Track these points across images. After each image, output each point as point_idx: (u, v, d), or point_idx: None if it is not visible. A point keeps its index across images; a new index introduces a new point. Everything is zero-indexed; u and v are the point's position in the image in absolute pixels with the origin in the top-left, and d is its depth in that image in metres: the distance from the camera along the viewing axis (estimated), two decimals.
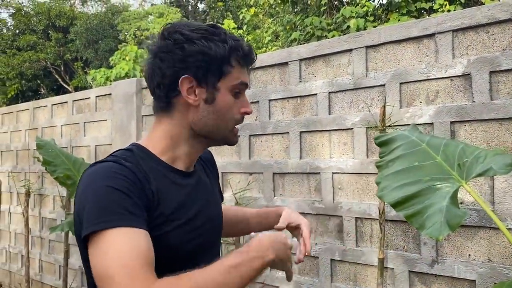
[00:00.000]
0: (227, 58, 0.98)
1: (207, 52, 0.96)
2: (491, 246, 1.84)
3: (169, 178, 1.00)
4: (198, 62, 0.97)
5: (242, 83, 1.03)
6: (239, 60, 1.01)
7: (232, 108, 1.02)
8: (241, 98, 1.04)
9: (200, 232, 1.03)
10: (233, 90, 1.01)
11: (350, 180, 2.27)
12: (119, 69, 10.08)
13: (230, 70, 1.00)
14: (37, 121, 4.62)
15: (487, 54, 1.87)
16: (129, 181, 0.89)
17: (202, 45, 0.96)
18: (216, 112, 1.01)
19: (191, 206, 1.02)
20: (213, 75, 0.98)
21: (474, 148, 1.43)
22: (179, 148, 1.03)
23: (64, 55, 17.55)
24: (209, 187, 1.14)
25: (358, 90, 2.25)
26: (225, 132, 1.04)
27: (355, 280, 2.23)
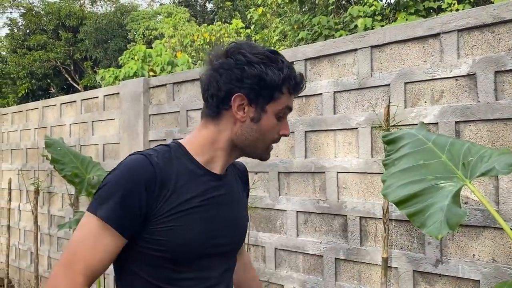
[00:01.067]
0: (280, 86, 1.07)
1: (263, 77, 1.06)
2: (496, 246, 1.83)
3: (198, 176, 1.09)
4: (253, 85, 1.06)
5: (288, 108, 1.12)
6: (289, 88, 1.10)
7: (273, 129, 1.12)
8: (282, 121, 1.13)
9: (217, 234, 1.10)
10: (278, 113, 1.10)
11: (354, 179, 2.27)
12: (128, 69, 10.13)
13: (280, 96, 1.09)
14: (46, 120, 4.68)
15: (492, 54, 1.86)
16: (144, 183, 1.00)
17: (260, 69, 1.05)
18: (259, 130, 1.10)
19: (214, 206, 1.10)
20: (264, 98, 1.08)
21: (479, 148, 1.43)
22: (216, 154, 1.12)
23: (74, 55, 17.70)
24: (236, 194, 1.21)
25: (363, 89, 2.26)
26: (262, 149, 1.14)
27: (359, 279, 2.24)
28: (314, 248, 2.40)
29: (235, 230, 1.19)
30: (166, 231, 1.02)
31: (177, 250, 1.03)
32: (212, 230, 1.09)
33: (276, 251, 2.59)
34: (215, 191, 1.12)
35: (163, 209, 1.02)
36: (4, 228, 5.13)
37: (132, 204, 0.99)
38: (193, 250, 1.06)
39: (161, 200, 1.02)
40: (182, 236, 1.03)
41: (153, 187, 1.01)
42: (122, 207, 0.99)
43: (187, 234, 1.04)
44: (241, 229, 1.22)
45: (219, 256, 1.12)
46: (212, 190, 1.11)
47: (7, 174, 5.23)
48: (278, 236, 2.58)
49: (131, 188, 1.00)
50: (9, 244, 4.72)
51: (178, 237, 1.03)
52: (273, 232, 2.62)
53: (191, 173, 1.09)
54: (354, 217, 2.25)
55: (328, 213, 2.36)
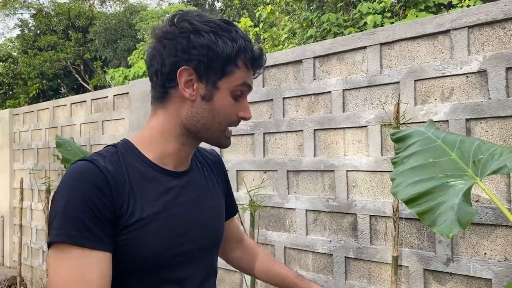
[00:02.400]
0: (233, 58, 0.93)
1: (213, 47, 0.91)
2: (508, 244, 1.81)
3: (150, 178, 0.94)
4: (201, 56, 0.91)
5: (245, 84, 0.96)
6: (246, 62, 0.95)
7: (229, 109, 0.96)
8: (241, 101, 0.98)
9: (183, 239, 0.96)
10: (234, 91, 0.95)
11: (364, 178, 2.26)
12: (137, 68, 10.19)
13: (234, 70, 0.94)
14: (57, 119, 4.72)
15: (503, 50, 1.84)
16: (97, 187, 0.85)
17: (209, 39, 0.91)
18: (211, 110, 0.95)
19: (173, 209, 0.95)
20: (215, 73, 0.93)
21: (490, 145, 1.42)
22: (169, 145, 0.97)
23: (84, 55, 17.84)
24: (205, 191, 1.07)
25: (373, 87, 2.24)
26: (217, 133, 0.98)
27: (370, 278, 2.23)
28: (323, 247, 2.40)
29: (208, 229, 1.03)
30: (125, 246, 0.88)
31: (137, 265, 0.89)
32: (175, 238, 0.94)
33: (285, 250, 2.59)
34: (173, 193, 0.97)
35: (122, 218, 0.87)
36: (17, 227, 5.19)
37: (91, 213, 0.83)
38: (155, 263, 0.91)
39: (120, 206, 0.88)
40: (141, 250, 0.88)
41: (107, 190, 0.86)
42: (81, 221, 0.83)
43: (147, 247, 0.89)
44: (215, 227, 1.07)
45: (193, 260, 0.99)
46: (170, 192, 0.96)
47: (19, 173, 5.29)
48: (288, 235, 2.57)
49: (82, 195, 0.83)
50: (21, 243, 4.78)
51: (136, 252, 0.88)
52: (283, 231, 2.61)
53: (143, 176, 0.93)
54: (364, 216, 2.24)
55: (338, 212, 2.35)
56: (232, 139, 3.19)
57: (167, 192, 0.95)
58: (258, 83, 2.74)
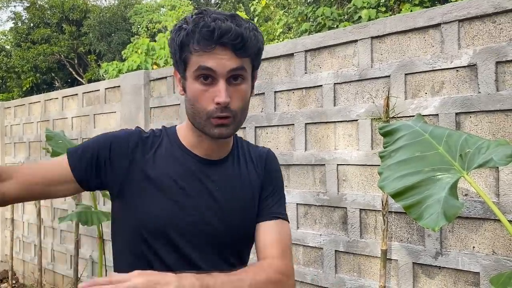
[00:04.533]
0: (185, 45, 0.95)
1: (170, 43, 0.99)
2: (496, 238, 1.82)
3: (176, 157, 1.05)
4: (172, 54, 1.00)
5: (201, 68, 0.93)
6: (195, 45, 0.93)
7: (200, 96, 0.96)
8: (213, 87, 0.94)
9: (194, 220, 1.02)
10: (197, 77, 0.95)
11: (354, 171, 2.26)
12: (131, 62, 10.12)
13: (190, 56, 0.95)
14: (49, 113, 4.69)
15: (493, 44, 1.84)
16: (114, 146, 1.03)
17: (171, 35, 0.99)
18: (188, 101, 1.00)
19: (192, 189, 1.03)
20: (180, 65, 0.99)
21: (477, 139, 1.42)
22: (193, 136, 1.06)
23: (78, 48, 17.72)
24: (235, 182, 1.08)
25: (363, 81, 2.24)
26: (201, 123, 0.99)
27: (359, 271, 2.23)
28: (314, 241, 2.40)
29: (224, 221, 1.04)
30: (135, 203, 1.01)
31: (146, 226, 1.01)
32: (185, 211, 1.01)
33: None
34: (195, 174, 1.04)
35: (132, 178, 1.02)
36: (8, 221, 5.17)
37: (92, 154, 1.02)
38: (162, 228, 1.00)
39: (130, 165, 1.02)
40: (150, 211, 1.01)
41: (117, 149, 1.02)
42: (83, 151, 1.03)
43: (155, 209, 1.00)
44: (235, 221, 1.05)
45: (204, 247, 1.02)
46: (192, 172, 1.04)
47: None
48: None
49: (99, 141, 1.04)
50: (13, 237, 4.76)
51: (147, 211, 1.01)
52: None
53: (171, 154, 1.05)
54: (354, 210, 2.24)
55: (328, 206, 2.35)
56: None
57: (189, 172, 1.04)
58: None
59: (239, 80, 0.97)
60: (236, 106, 0.97)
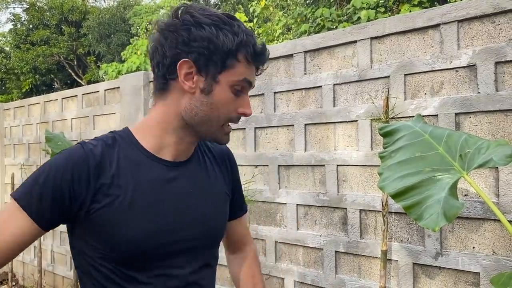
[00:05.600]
0: (234, 52, 0.92)
1: (213, 40, 0.90)
2: (496, 238, 1.82)
3: (142, 165, 0.96)
4: (201, 49, 0.91)
5: (246, 81, 0.95)
6: (247, 57, 0.93)
7: (228, 104, 0.95)
8: (241, 97, 0.96)
9: (171, 229, 0.96)
10: (234, 86, 0.94)
11: (354, 172, 2.26)
12: (131, 63, 10.14)
13: (235, 64, 0.93)
14: (48, 114, 4.69)
15: (492, 44, 1.84)
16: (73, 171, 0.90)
17: (209, 31, 0.90)
18: (210, 104, 0.94)
19: (162, 198, 0.96)
20: (215, 66, 0.92)
21: (476, 139, 1.42)
22: (166, 137, 0.98)
23: (77, 50, 17.71)
24: (203, 183, 1.05)
25: (363, 82, 2.24)
26: (215, 128, 0.97)
27: (359, 272, 2.23)
28: (314, 241, 2.40)
29: (202, 224, 1.02)
30: (104, 229, 0.91)
31: (119, 250, 0.91)
32: (163, 226, 0.95)
33: (276, 244, 2.59)
34: (166, 182, 0.97)
35: (98, 203, 0.90)
36: None
37: (53, 191, 0.89)
38: (138, 250, 0.92)
39: (96, 192, 0.90)
40: (122, 234, 0.91)
41: (83, 176, 0.90)
42: (39, 190, 0.89)
43: (129, 231, 0.91)
44: (210, 222, 1.05)
45: (181, 254, 0.98)
46: (162, 181, 0.97)
47: (10, 169, 5.25)
48: (278, 230, 2.57)
49: (54, 173, 0.89)
50: None
51: (119, 236, 0.91)
52: (273, 225, 2.61)
53: (135, 162, 0.95)
54: (354, 210, 2.24)
55: (328, 206, 2.35)
56: None
57: (158, 181, 0.96)
58: None
59: None
60: None
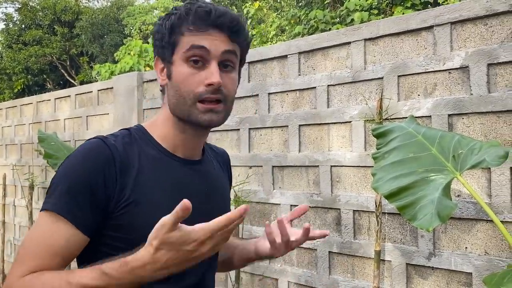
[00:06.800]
0: (176, 27, 0.91)
1: (159, 29, 0.95)
2: (488, 238, 1.83)
3: (163, 164, 0.95)
4: (156, 41, 0.95)
5: (195, 47, 0.89)
6: (190, 25, 0.90)
7: (188, 79, 0.90)
8: (206, 69, 0.90)
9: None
10: (187, 58, 0.90)
11: (348, 173, 2.27)
12: (124, 64, 10.10)
13: (180, 38, 0.91)
14: (41, 115, 4.66)
15: (485, 46, 1.86)
16: (100, 167, 0.86)
17: (158, 23, 0.96)
18: (174, 87, 0.93)
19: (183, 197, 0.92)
20: (167, 50, 0.93)
21: (469, 140, 1.43)
22: (173, 132, 0.97)
23: (70, 50, 17.62)
24: (214, 182, 1.06)
25: (357, 83, 2.25)
26: (186, 109, 0.92)
27: (353, 272, 2.24)
28: (307, 242, 2.40)
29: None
30: (130, 227, 0.88)
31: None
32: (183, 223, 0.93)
33: None
34: (184, 179, 0.97)
35: (125, 200, 0.88)
36: None
37: (85, 191, 0.85)
38: None
39: (123, 187, 0.88)
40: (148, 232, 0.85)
41: (112, 169, 0.87)
42: (72, 195, 0.85)
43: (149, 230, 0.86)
44: None
45: None
46: (180, 178, 0.96)
47: (2, 169, 5.21)
48: None
49: (83, 174, 0.86)
50: (4, 240, 4.72)
51: (145, 234, 0.85)
52: None
53: (154, 160, 0.94)
54: (347, 211, 2.25)
55: (322, 207, 2.36)
56: (217, 134, 3.18)
57: (178, 179, 0.96)
58: (243, 78, 2.73)
59: (229, 68, 0.94)
60: (227, 91, 0.93)
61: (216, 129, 2.79)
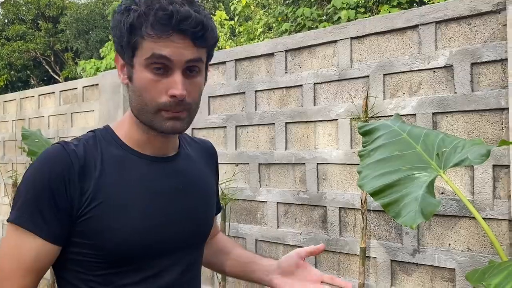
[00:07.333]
0: (136, 28, 0.83)
1: (116, 24, 0.86)
2: (471, 235, 1.87)
3: (127, 163, 0.91)
4: (115, 38, 0.87)
5: (156, 56, 0.83)
6: (150, 29, 0.82)
7: (150, 87, 0.85)
8: (169, 77, 0.84)
9: (163, 228, 0.92)
10: (148, 65, 0.84)
11: (334, 170, 2.29)
12: (110, 60, 9.99)
13: (140, 42, 0.83)
14: (24, 111, 4.59)
15: (469, 46, 1.88)
16: (61, 175, 0.84)
17: (116, 17, 0.86)
18: (135, 91, 0.87)
19: (152, 197, 0.91)
20: (127, 50, 0.86)
21: (453, 138, 1.45)
22: (139, 131, 0.93)
23: (54, 46, 17.36)
24: (193, 179, 1.01)
25: (343, 81, 2.26)
26: (149, 116, 0.87)
27: (339, 269, 2.26)
28: (294, 239, 2.42)
29: (192, 221, 0.98)
30: (97, 231, 0.85)
31: (113, 252, 0.86)
32: (156, 225, 0.90)
33: (256, 243, 2.60)
34: (153, 177, 0.93)
35: (89, 205, 0.85)
36: None
37: (48, 200, 0.83)
38: (133, 250, 0.88)
39: (84, 193, 0.85)
40: (116, 235, 0.86)
41: (72, 175, 0.84)
42: (35, 206, 0.83)
43: (123, 232, 0.86)
44: (200, 219, 1.01)
45: (171, 253, 0.94)
46: (149, 177, 0.92)
47: None
48: (259, 228, 2.58)
49: (43, 182, 0.83)
50: None
51: (112, 237, 0.86)
52: (254, 223, 2.62)
53: (119, 159, 0.90)
54: (333, 208, 2.26)
55: (308, 204, 2.37)
56: (204, 132, 3.16)
57: (145, 177, 0.92)
58: (230, 76, 2.73)
59: (194, 73, 0.88)
60: (191, 99, 0.88)
61: (202, 126, 2.78)
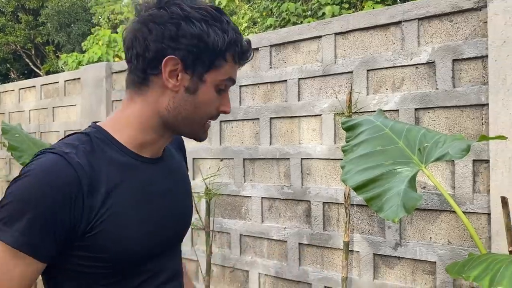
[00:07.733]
0: (223, 51, 0.88)
1: (203, 38, 0.85)
2: (451, 229, 1.90)
3: (131, 169, 0.90)
4: (190, 47, 0.85)
5: (230, 80, 0.93)
6: (234, 56, 0.91)
7: (212, 103, 0.92)
8: (223, 95, 0.94)
9: (161, 230, 0.94)
10: (218, 85, 0.91)
11: (318, 165, 2.30)
12: (92, 54, 9.84)
13: (222, 64, 0.89)
14: (4, 105, 4.50)
15: (450, 42, 1.91)
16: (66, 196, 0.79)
17: (200, 28, 0.85)
18: (194, 104, 0.90)
19: (153, 200, 0.93)
20: (203, 65, 0.88)
21: (434, 134, 1.47)
22: (146, 135, 0.92)
23: (35, 39, 17.02)
24: (179, 177, 1.05)
25: (327, 76, 2.27)
26: (196, 126, 0.94)
27: (322, 263, 2.28)
28: (278, 234, 2.43)
29: (182, 220, 1.03)
30: (105, 244, 0.84)
31: (120, 261, 0.87)
32: (155, 227, 0.92)
33: (241, 238, 2.60)
34: (152, 181, 0.94)
35: (98, 220, 0.83)
36: None
37: (50, 224, 0.79)
38: (137, 256, 0.89)
39: (93, 209, 0.82)
40: (123, 245, 0.86)
41: (79, 196, 0.80)
42: (34, 228, 0.78)
43: (130, 241, 0.87)
44: (187, 215, 1.06)
45: (166, 252, 0.97)
46: (149, 181, 0.93)
47: None
48: (243, 223, 2.58)
49: (46, 203, 0.78)
50: None
51: (120, 247, 0.86)
52: (238, 218, 2.62)
53: (122, 166, 0.89)
54: (317, 203, 2.28)
55: (292, 199, 2.39)
56: None
57: (146, 182, 0.92)
58: None
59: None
60: None
61: None
